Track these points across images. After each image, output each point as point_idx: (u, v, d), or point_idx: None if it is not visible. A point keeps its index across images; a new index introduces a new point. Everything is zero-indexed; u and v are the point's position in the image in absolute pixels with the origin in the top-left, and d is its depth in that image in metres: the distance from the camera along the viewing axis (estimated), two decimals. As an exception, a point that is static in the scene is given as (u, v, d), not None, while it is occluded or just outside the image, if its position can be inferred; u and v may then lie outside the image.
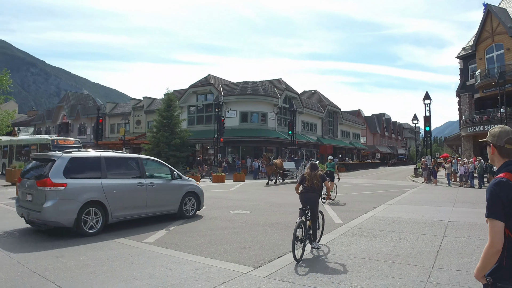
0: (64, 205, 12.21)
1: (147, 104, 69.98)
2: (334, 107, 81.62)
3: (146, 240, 11.99)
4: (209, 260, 9.60)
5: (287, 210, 18.64)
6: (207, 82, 60.08)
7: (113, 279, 8.13)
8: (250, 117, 56.84)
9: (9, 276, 8.40)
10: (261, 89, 57.16)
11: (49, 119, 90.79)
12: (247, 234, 12.86)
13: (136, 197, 14.42)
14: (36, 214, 12.29)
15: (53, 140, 40.19)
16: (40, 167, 13.29)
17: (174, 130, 52.07)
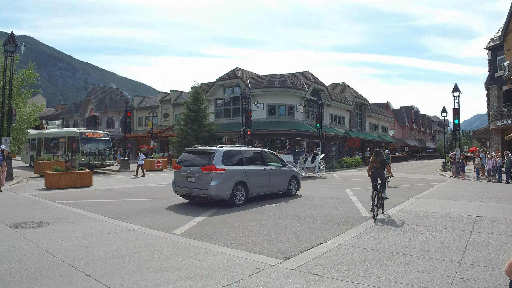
0: (224, 184, 17.34)
1: (174, 97, 70.09)
2: (362, 100, 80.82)
3: (175, 231, 12.15)
4: (238, 252, 9.71)
5: (315, 203, 18.63)
6: (234, 75, 59.91)
7: (143, 269, 8.25)
8: (278, 110, 56.45)
9: (38, 265, 8.48)
10: (288, 82, 56.75)
11: (77, 112, 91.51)
12: (275, 227, 12.93)
13: (263, 179, 19.79)
14: (201, 191, 17.35)
15: (82, 133, 40.35)
16: (201, 158, 18.30)
17: (201, 123, 52.03)
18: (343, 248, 10.03)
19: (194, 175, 17.64)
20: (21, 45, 33.71)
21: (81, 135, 39.78)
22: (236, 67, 62.15)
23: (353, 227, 12.61)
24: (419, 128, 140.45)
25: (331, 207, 17.36)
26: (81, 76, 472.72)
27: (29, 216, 14.84)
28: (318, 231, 12.08)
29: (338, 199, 20.18)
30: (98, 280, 7.56)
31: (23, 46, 34.30)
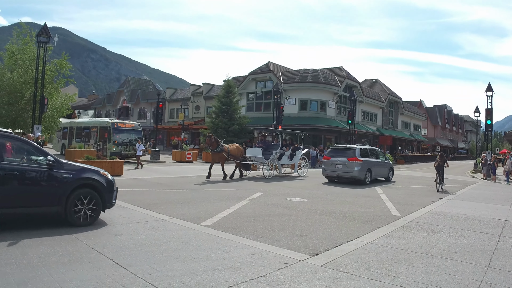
0: (362, 170, 26.30)
1: (206, 90, 70.29)
2: (395, 97, 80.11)
3: (204, 222, 12.17)
4: (266, 246, 9.66)
5: (345, 200, 18.54)
6: (267, 69, 59.87)
7: (171, 260, 8.26)
8: (309, 105, 56.29)
9: (67, 251, 8.55)
10: (321, 77, 56.49)
11: (110, 103, 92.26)
12: (303, 222, 12.88)
13: (379, 168, 29.23)
14: (347, 174, 26.40)
15: (113, 123, 40.65)
16: (346, 152, 27.21)
17: (232, 116, 52.10)
18: (371, 246, 9.92)
19: (342, 163, 26.41)
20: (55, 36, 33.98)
21: (113, 125, 40.05)
22: (268, 61, 62.06)
23: (382, 226, 12.50)
24: (451, 128, 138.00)
25: (361, 204, 17.21)
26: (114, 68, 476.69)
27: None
28: (347, 228, 11.98)
29: (368, 197, 20.00)
30: (126, 268, 7.58)
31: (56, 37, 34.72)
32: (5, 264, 7.63)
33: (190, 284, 6.89)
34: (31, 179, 10.47)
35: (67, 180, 10.86)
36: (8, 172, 10.02)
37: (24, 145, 11.12)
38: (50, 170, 10.62)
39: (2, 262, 7.76)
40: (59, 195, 10.66)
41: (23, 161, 10.81)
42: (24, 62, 33.10)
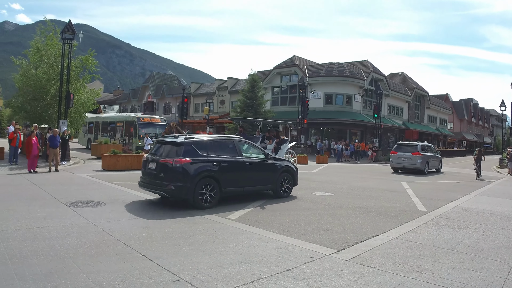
0: (423, 162, 31.93)
1: (231, 84, 70.34)
2: (422, 91, 79.48)
3: (230, 216, 12.24)
4: (292, 240, 9.67)
5: (371, 195, 18.43)
6: (292, 63, 59.73)
7: (197, 252, 8.35)
8: (335, 99, 56.07)
9: (93, 243, 8.68)
10: (347, 71, 56.23)
11: (135, 98, 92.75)
12: (329, 217, 12.86)
13: (434, 160, 34.98)
14: (412, 165, 31.84)
15: (139, 118, 40.97)
16: (410, 147, 33.18)
17: (257, 111, 52.05)
18: (398, 241, 9.85)
19: (407, 157, 32.31)
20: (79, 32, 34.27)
21: (139, 120, 40.37)
22: (294, 55, 61.92)
23: (409, 221, 12.40)
24: (477, 122, 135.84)
25: (387, 199, 17.09)
26: (139, 63, 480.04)
27: (86, 195, 15.16)
28: (373, 223, 11.92)
29: (394, 191, 19.85)
30: (153, 260, 7.65)
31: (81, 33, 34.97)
32: (32, 256, 7.73)
33: (217, 277, 6.93)
34: (258, 167, 15.68)
35: (277, 168, 16.39)
36: (247, 163, 15.22)
37: (249, 145, 16.44)
38: (267, 161, 16.06)
39: (29, 254, 7.86)
40: (273, 178, 16.13)
41: (251, 156, 15.92)
42: (49, 58, 33.36)
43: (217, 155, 14.26)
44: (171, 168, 13.14)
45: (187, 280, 6.75)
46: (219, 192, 13.87)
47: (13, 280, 6.55)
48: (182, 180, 13.05)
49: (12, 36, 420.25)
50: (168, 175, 13.14)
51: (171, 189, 13.10)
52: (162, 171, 13.32)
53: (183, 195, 13.24)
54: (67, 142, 28.38)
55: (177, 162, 13.12)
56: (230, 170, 14.52)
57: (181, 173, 13.08)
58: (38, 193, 15.53)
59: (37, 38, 34.85)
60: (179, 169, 13.08)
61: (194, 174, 13.17)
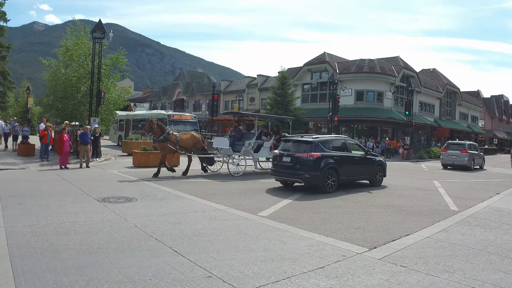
0: (470, 159, 35.06)
1: (261, 81, 70.19)
2: (453, 87, 78.26)
3: (261, 213, 12.28)
4: (323, 238, 9.67)
5: (403, 193, 18.32)
6: (322, 60, 59.36)
7: (229, 249, 8.43)
8: (366, 96, 55.60)
9: (125, 238, 8.83)
10: (378, 67, 55.68)
11: (165, 95, 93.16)
12: (361, 215, 12.84)
13: (478, 158, 37.35)
14: (460, 162, 35.01)
15: (169, 115, 41.21)
16: (458, 146, 36.31)
17: (287, 108, 51.87)
18: (429, 241, 9.77)
19: (456, 155, 35.16)
20: (110, 32, 34.59)
21: (169, 117, 40.58)
22: (324, 52, 61.56)
23: (440, 221, 12.28)
24: (508, 120, 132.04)
25: (419, 198, 16.95)
26: (168, 61, 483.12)
27: (117, 191, 15.34)
28: (405, 222, 11.85)
29: (426, 190, 19.67)
30: (185, 256, 7.72)
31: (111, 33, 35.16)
32: (63, 250, 7.85)
33: (248, 274, 6.95)
34: (361, 161, 19.72)
35: (374, 162, 20.47)
36: (354, 158, 19.45)
37: (354, 144, 21.10)
38: (366, 157, 20.06)
39: (60, 248, 7.99)
40: (370, 170, 20.18)
41: (355, 152, 19.88)
42: (79, 57, 33.74)
43: (335, 151, 18.39)
44: (306, 160, 17.06)
45: (219, 276, 6.79)
46: (337, 180, 17.73)
47: (44, 274, 6.63)
48: (315, 170, 16.93)
49: (41, 36, 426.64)
50: (303, 166, 17.10)
51: (306, 177, 17.02)
52: (298, 163, 17.28)
53: (314, 182, 17.11)
54: (98, 139, 28.66)
55: (311, 156, 17.03)
56: (344, 163, 18.45)
57: (314, 164, 16.97)
58: (69, 189, 15.76)
59: (67, 37, 35.31)
60: (312, 161, 16.98)
61: (322, 166, 17.12)
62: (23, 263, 7.11)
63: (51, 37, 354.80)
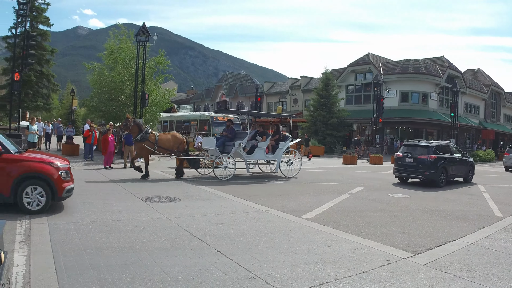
0: None
1: (304, 83, 70.02)
2: (498, 88, 76.57)
3: (304, 215, 12.21)
4: (368, 242, 9.60)
5: (448, 198, 17.97)
6: (366, 61, 58.94)
7: (272, 251, 8.40)
8: (410, 97, 54.95)
9: (169, 238, 8.91)
10: (422, 68, 54.95)
11: (208, 97, 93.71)
12: (406, 219, 12.63)
13: None
14: None
15: (213, 117, 41.25)
16: None
17: (331, 109, 51.80)
18: (474, 248, 9.56)
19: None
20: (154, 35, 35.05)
21: (212, 119, 40.68)
22: (368, 53, 61.13)
23: (485, 227, 12.01)
24: None
25: (464, 203, 16.61)
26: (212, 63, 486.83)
27: (161, 191, 15.44)
28: (449, 228, 11.61)
29: (471, 195, 19.26)
30: (228, 256, 7.74)
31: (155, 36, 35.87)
32: (107, 248, 7.96)
33: (292, 276, 6.92)
34: (459, 162, 23.70)
35: (467, 162, 24.58)
36: (456, 160, 23.44)
37: (454, 147, 24.97)
38: (462, 158, 23.99)
39: (104, 245, 8.10)
40: (465, 169, 24.25)
41: (455, 155, 23.77)
42: (124, 60, 34.20)
43: (444, 153, 22.54)
44: (426, 161, 21.33)
45: (262, 277, 6.79)
46: (446, 177, 22.08)
47: (87, 270, 6.73)
48: (433, 168, 21.21)
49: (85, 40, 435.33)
50: (424, 166, 21.34)
51: (426, 174, 21.31)
52: (419, 163, 21.49)
53: (432, 178, 21.38)
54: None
55: (430, 157, 21.31)
56: (450, 163, 22.66)
57: (432, 164, 21.22)
58: (113, 188, 15.98)
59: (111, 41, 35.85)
60: (431, 162, 21.25)
61: (438, 165, 21.41)
62: (66, 259, 7.21)
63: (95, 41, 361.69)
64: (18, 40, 28.59)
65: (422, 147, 22.32)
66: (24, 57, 25.41)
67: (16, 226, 9.41)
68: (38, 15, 45.75)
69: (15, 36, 31.23)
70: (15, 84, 23.81)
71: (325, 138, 50.27)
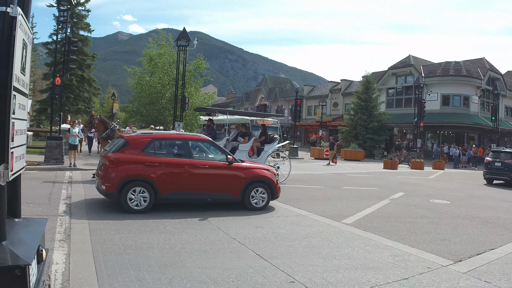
0: None
1: (344, 86, 69.76)
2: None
3: (344, 220, 12.20)
4: (408, 248, 9.52)
5: (489, 205, 17.70)
6: (407, 63, 58.21)
7: (312, 255, 8.38)
8: (452, 100, 54.19)
9: (208, 240, 8.98)
10: (463, 70, 53.97)
11: (247, 101, 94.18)
12: (446, 226, 12.50)
13: None
14: None
15: (252, 120, 41.25)
16: None
17: (372, 113, 51.40)
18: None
19: None
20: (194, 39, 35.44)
21: (252, 122, 40.69)
22: (409, 55, 60.38)
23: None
24: None
25: (504, 210, 16.38)
26: (251, 67, 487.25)
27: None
28: (490, 235, 11.45)
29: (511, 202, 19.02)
30: (267, 260, 7.74)
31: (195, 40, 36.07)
32: (147, 248, 8.07)
33: (331, 281, 6.92)
34: None
35: None
36: None
37: None
38: None
39: (144, 246, 8.21)
40: None
41: None
42: (164, 65, 34.65)
43: None
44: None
45: (301, 282, 6.79)
46: None
47: (127, 270, 6.83)
48: None
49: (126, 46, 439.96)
50: (510, 169, 25.21)
51: (511, 176, 25.18)
52: (506, 167, 25.43)
53: None
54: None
55: None
56: None
57: None
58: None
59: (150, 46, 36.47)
60: None
61: None
62: (106, 258, 7.33)
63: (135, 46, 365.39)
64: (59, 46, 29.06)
65: (507, 153, 26.30)
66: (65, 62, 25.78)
67: (56, 225, 9.61)
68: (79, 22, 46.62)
69: (55, 42, 31.76)
70: (56, 88, 24.16)
71: (365, 142, 49.88)
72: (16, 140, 4.29)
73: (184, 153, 12.56)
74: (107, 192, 11.53)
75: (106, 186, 11.46)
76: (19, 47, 4.13)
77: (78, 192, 14.74)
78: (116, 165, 11.40)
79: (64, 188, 15.66)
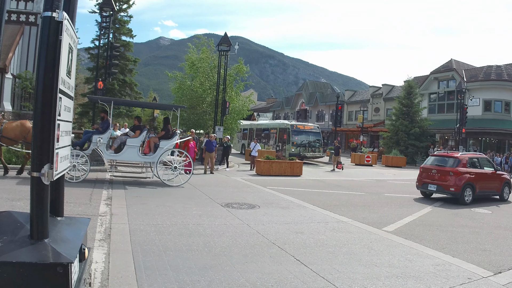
0: None
1: (386, 91, 69.06)
2: None
3: (385, 228, 12.16)
4: (449, 258, 9.40)
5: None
6: (449, 68, 57.19)
7: (352, 262, 8.37)
8: (493, 106, 53.15)
9: (248, 244, 9.02)
10: (505, 74, 52.54)
11: (288, 106, 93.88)
12: (488, 236, 12.31)
13: None
14: None
15: (293, 125, 41.40)
16: None
17: (414, 119, 50.76)
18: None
19: None
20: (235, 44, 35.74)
21: (292, 127, 40.76)
22: (451, 59, 59.35)
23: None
24: None
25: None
26: (292, 72, 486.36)
27: (240, 198, 15.62)
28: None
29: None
30: (307, 265, 7.71)
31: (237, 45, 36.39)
32: (186, 250, 8.14)
33: None
34: None
35: None
36: None
37: None
38: None
39: (183, 248, 8.29)
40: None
41: None
42: (205, 69, 34.97)
43: None
44: None
45: None
46: None
47: (166, 271, 6.91)
48: None
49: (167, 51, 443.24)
50: None
51: None
52: None
53: None
54: (228, 149, 29.01)
55: None
56: None
57: None
58: (193, 193, 16.30)
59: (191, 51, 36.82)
60: None
61: None
62: (145, 259, 7.44)
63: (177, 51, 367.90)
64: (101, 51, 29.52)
65: None
66: (107, 67, 26.18)
67: (97, 224, 9.79)
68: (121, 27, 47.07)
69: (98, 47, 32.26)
70: (98, 92, 24.57)
71: (407, 149, 49.23)
72: (61, 141, 4.38)
73: None
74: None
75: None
76: (65, 51, 4.21)
77: (118, 193, 15.01)
78: None
79: (104, 188, 16.00)
